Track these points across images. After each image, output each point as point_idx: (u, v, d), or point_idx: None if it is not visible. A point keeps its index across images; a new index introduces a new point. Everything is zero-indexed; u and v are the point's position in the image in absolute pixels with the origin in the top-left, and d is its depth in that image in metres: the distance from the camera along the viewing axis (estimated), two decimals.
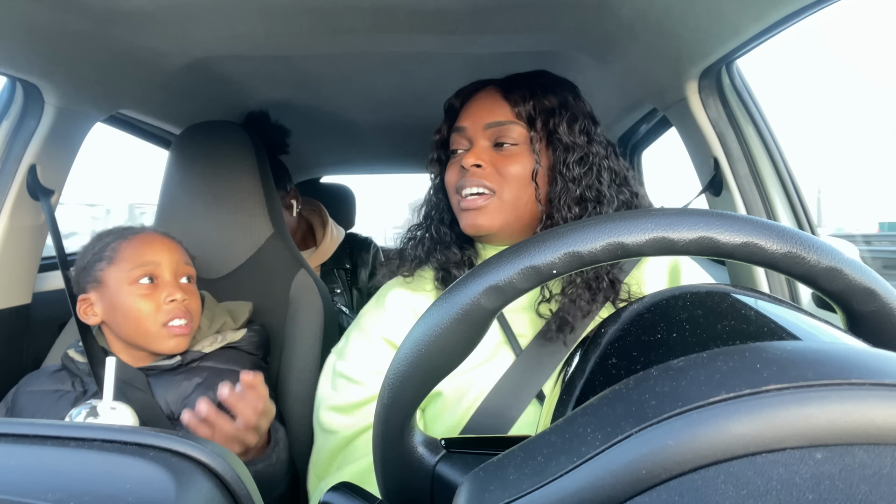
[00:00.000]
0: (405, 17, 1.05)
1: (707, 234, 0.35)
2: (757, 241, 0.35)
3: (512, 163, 0.83)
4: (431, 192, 0.94)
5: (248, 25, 1.07)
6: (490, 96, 0.87)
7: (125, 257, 1.02)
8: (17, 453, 0.34)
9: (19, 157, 1.16)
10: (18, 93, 1.15)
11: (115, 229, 1.10)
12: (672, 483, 0.24)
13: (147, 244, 1.05)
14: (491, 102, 0.86)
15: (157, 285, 1.02)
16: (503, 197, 0.82)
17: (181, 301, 1.01)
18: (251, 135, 1.39)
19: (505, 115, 0.84)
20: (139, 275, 1.01)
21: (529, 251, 0.36)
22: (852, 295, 0.36)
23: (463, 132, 0.86)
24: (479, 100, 0.88)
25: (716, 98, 1.15)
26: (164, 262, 1.03)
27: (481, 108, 0.86)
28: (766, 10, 0.86)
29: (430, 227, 0.92)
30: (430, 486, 0.44)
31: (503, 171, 0.82)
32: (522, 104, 0.84)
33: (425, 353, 0.38)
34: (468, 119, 0.86)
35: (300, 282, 1.31)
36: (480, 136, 0.84)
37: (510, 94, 0.85)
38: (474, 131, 0.85)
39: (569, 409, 0.35)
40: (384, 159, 2.54)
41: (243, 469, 0.36)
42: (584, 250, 0.35)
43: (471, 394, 0.79)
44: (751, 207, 1.16)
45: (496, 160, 0.83)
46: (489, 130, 0.84)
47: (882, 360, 0.25)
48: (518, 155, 0.83)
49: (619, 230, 0.35)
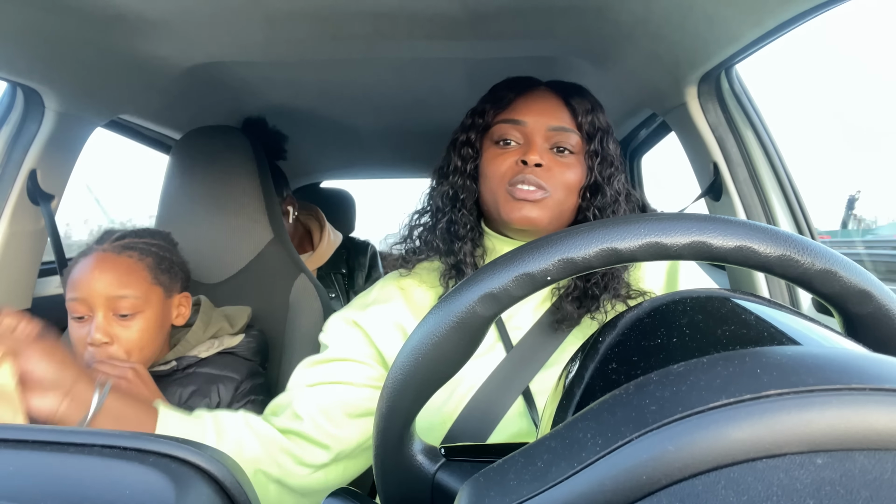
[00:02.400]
0: (405, 23, 1.06)
1: (700, 238, 0.35)
2: (750, 245, 0.35)
3: (568, 170, 0.84)
4: (459, 176, 0.89)
5: (248, 31, 1.08)
6: (552, 98, 0.87)
7: (67, 286, 0.96)
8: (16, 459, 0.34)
9: (19, 161, 1.16)
10: (19, 98, 1.15)
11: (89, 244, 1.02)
12: (672, 489, 0.23)
13: (80, 271, 0.95)
14: (555, 105, 0.86)
15: (85, 321, 0.94)
16: (556, 197, 0.83)
17: (99, 344, 0.92)
18: (251, 140, 1.39)
19: (568, 122, 0.85)
20: (70, 308, 0.95)
21: (524, 258, 0.36)
22: (847, 297, 0.36)
23: (521, 126, 0.85)
24: (542, 98, 0.87)
25: (715, 103, 1.16)
26: (90, 299, 0.93)
27: (546, 108, 0.86)
28: (765, 16, 0.87)
29: (454, 213, 0.89)
30: (431, 495, 0.44)
31: (559, 174, 0.83)
32: (584, 116, 0.86)
33: (422, 361, 0.38)
34: (530, 115, 0.85)
35: (300, 287, 1.31)
36: (541, 136, 0.84)
37: (573, 101, 0.86)
38: (536, 129, 0.84)
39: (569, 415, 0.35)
40: (384, 164, 2.54)
41: (243, 474, 0.36)
42: (577, 256, 0.35)
43: (460, 390, 0.80)
44: (751, 212, 1.16)
45: (554, 163, 0.84)
46: (552, 132, 0.84)
47: (882, 366, 0.25)
48: (573, 163, 0.85)
49: (612, 236, 0.35)
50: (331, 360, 0.84)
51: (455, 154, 0.90)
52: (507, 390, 0.79)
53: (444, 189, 0.90)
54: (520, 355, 0.81)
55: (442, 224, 0.88)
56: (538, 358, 0.81)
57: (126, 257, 0.98)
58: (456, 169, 0.89)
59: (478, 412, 0.78)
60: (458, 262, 0.86)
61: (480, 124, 0.89)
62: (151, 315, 0.99)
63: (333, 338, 0.87)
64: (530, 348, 0.82)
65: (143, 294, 0.97)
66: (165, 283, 1.03)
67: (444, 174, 0.92)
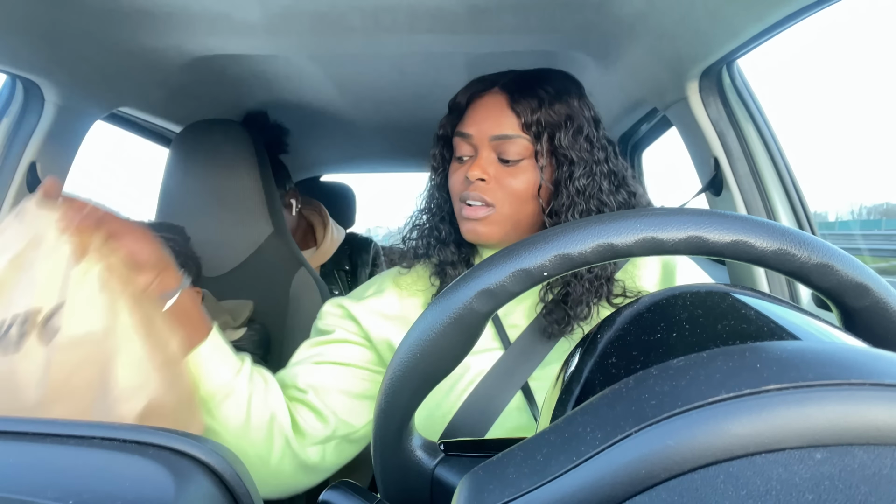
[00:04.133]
0: (406, 17, 1.05)
1: (696, 233, 0.35)
2: (746, 239, 0.35)
3: (515, 178, 0.82)
4: (433, 187, 0.93)
5: (248, 24, 1.07)
6: (497, 104, 0.84)
7: None
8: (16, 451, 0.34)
9: (19, 154, 1.16)
10: (18, 90, 1.15)
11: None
12: (671, 483, 0.24)
13: None
14: (498, 111, 0.83)
15: None
16: (503, 211, 0.82)
17: None
18: (251, 133, 1.39)
19: (511, 128, 0.82)
20: None
21: (520, 254, 0.36)
22: (845, 291, 0.36)
23: (468, 139, 0.84)
24: (486, 106, 0.85)
25: (716, 98, 1.15)
26: None
27: (488, 116, 0.84)
28: (767, 11, 0.86)
29: (431, 221, 0.91)
30: (430, 490, 0.44)
31: (506, 185, 0.81)
32: (530, 115, 0.82)
33: (420, 357, 0.38)
34: (473, 126, 0.84)
35: (300, 280, 1.31)
36: (486, 147, 0.83)
37: (517, 104, 0.83)
38: (479, 140, 0.83)
39: (568, 409, 0.35)
40: (385, 158, 2.54)
41: (242, 467, 0.36)
42: (573, 252, 0.35)
43: (459, 385, 0.80)
44: (751, 207, 1.16)
45: (501, 173, 0.82)
46: (495, 142, 0.82)
47: (882, 361, 0.25)
48: (522, 170, 0.82)
49: (608, 231, 0.35)
50: (329, 342, 0.85)
51: (431, 167, 0.93)
52: (505, 386, 0.79)
53: (428, 196, 0.94)
54: (519, 350, 0.81)
55: (426, 229, 0.91)
56: (537, 353, 0.81)
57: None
58: (433, 181, 0.93)
59: (477, 407, 0.78)
60: (440, 263, 0.88)
61: (442, 136, 0.91)
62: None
63: (328, 323, 0.88)
64: (529, 344, 0.82)
65: None
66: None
67: (428, 184, 0.95)
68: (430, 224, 0.91)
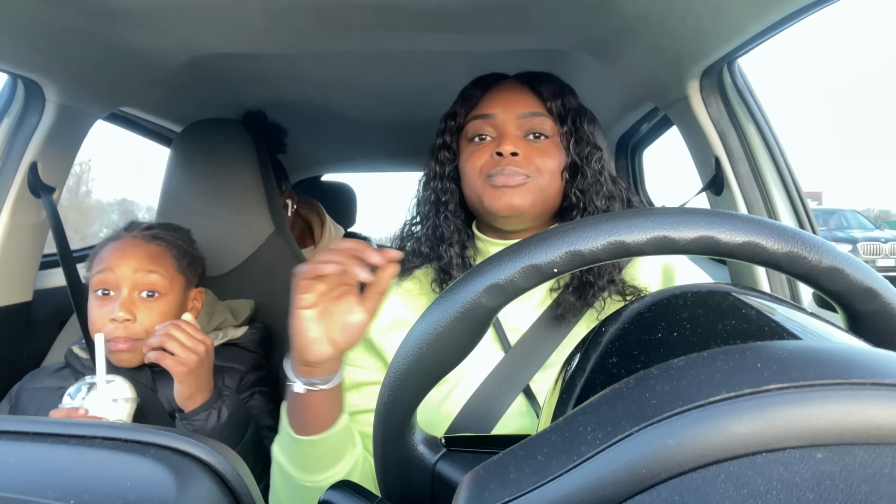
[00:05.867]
0: (407, 15, 1.05)
1: (708, 233, 0.34)
2: (758, 241, 0.35)
3: (545, 155, 0.83)
4: (440, 180, 0.91)
5: (249, 23, 1.07)
6: (519, 87, 0.87)
7: (95, 262, 1.01)
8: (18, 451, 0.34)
9: (20, 154, 1.16)
10: (19, 90, 1.15)
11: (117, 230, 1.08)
12: (672, 482, 0.24)
13: (112, 251, 1.00)
14: (521, 93, 0.86)
15: (109, 297, 0.98)
16: (539, 182, 0.83)
17: (121, 321, 0.96)
18: (252, 133, 1.39)
19: (538, 107, 0.85)
20: (95, 284, 0.99)
21: (531, 250, 0.36)
22: (853, 295, 0.36)
23: (491, 119, 0.85)
24: (508, 89, 0.87)
25: (717, 97, 1.15)
26: (119, 274, 0.98)
27: (512, 97, 0.86)
28: (768, 10, 0.86)
29: (437, 218, 0.89)
30: (431, 485, 0.44)
31: (537, 161, 0.83)
32: (553, 100, 0.85)
33: (426, 351, 0.38)
34: (498, 107, 0.85)
35: None
36: (512, 125, 0.84)
37: (540, 87, 0.86)
38: (505, 119, 0.84)
39: (569, 408, 0.35)
40: (385, 157, 2.54)
41: (244, 467, 0.36)
42: (584, 249, 0.35)
43: (459, 388, 0.80)
44: (752, 206, 1.16)
45: (530, 150, 0.83)
46: (522, 120, 0.84)
47: (883, 360, 0.25)
48: (550, 148, 0.84)
49: (620, 229, 0.35)
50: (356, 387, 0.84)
51: (434, 160, 0.92)
52: (507, 388, 0.79)
53: (427, 195, 0.92)
54: (520, 353, 0.81)
55: (428, 230, 0.89)
56: (539, 356, 0.80)
57: (155, 244, 1.03)
58: (436, 174, 0.91)
59: (477, 410, 0.78)
60: (445, 266, 0.86)
61: (454, 126, 0.90)
62: (173, 300, 1.02)
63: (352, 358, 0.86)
64: (531, 346, 0.81)
65: (169, 277, 1.02)
66: (188, 274, 1.07)
67: (426, 182, 0.93)
68: (431, 224, 0.90)
